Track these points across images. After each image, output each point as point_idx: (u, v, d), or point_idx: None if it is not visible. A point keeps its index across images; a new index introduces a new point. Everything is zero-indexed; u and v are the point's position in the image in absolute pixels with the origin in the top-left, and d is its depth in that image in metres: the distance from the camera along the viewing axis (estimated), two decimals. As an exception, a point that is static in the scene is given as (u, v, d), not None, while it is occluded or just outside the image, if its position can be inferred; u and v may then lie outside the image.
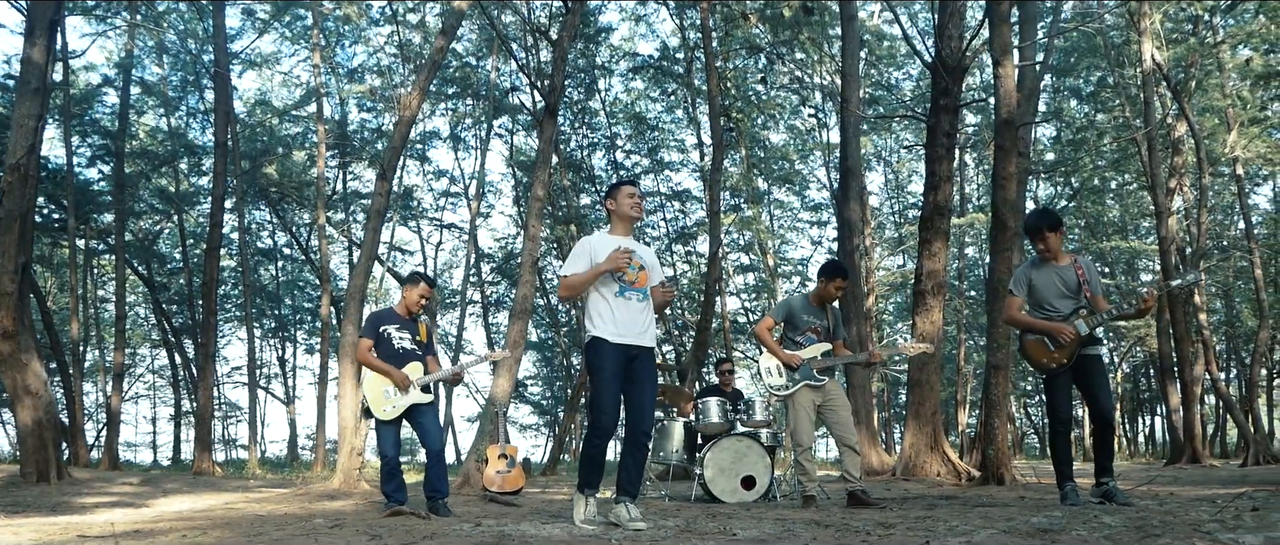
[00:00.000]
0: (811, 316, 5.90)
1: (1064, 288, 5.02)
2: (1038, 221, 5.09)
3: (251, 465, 18.37)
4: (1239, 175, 19.88)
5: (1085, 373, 4.97)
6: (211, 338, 18.10)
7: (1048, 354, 4.96)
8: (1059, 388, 4.99)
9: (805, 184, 28.31)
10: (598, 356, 4.29)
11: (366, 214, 10.04)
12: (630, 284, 4.36)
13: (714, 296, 17.67)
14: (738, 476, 6.84)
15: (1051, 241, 5.02)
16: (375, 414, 5.58)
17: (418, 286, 5.79)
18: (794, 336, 5.90)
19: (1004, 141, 7.19)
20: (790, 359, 5.76)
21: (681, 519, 4.43)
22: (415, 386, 5.58)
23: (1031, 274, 5.10)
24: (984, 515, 4.22)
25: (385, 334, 5.69)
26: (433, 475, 5.54)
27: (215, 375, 31.50)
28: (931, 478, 10.00)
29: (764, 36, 18.58)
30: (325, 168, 23.44)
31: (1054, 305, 5.03)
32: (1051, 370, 4.96)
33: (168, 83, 23.28)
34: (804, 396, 5.76)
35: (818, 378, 5.78)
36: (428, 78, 10.54)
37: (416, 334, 5.77)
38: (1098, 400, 4.97)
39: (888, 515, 4.49)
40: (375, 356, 5.62)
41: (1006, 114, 7.17)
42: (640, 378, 4.35)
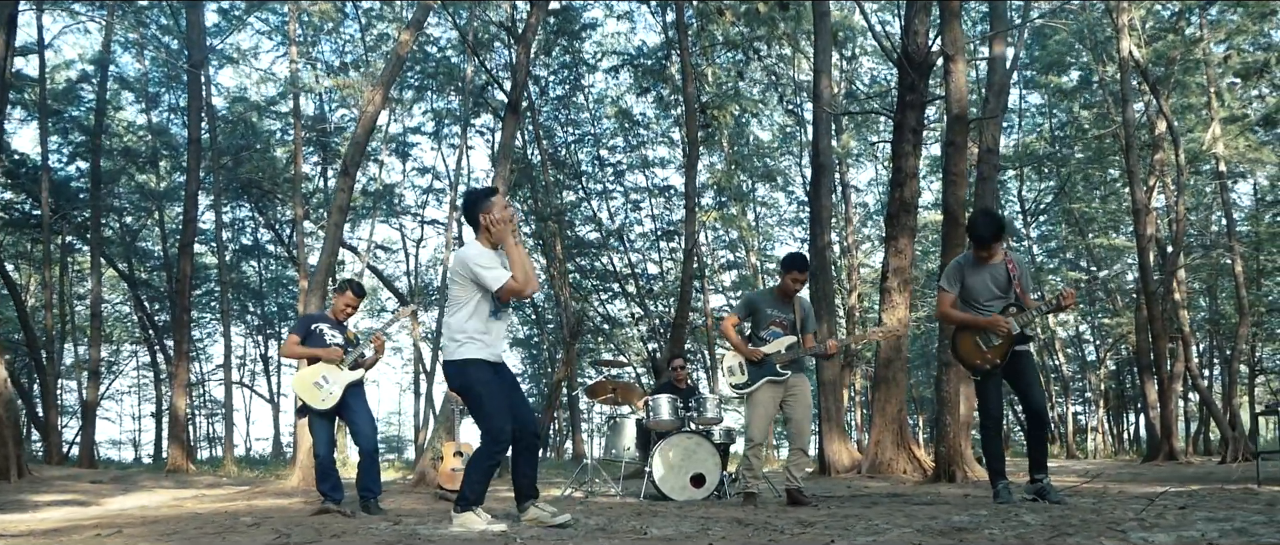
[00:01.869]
0: (775, 310, 5.80)
1: (995, 287, 4.96)
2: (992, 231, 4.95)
3: (227, 464, 18.21)
4: (1220, 172, 19.89)
5: (1016, 369, 4.91)
6: (185, 334, 17.96)
7: (981, 354, 4.90)
8: (990, 387, 4.94)
9: (788, 181, 28.25)
10: (478, 373, 4.14)
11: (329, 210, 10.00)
12: (503, 305, 4.24)
13: (691, 293, 17.60)
14: (687, 474, 6.77)
15: (995, 251, 4.95)
16: (312, 406, 5.47)
17: (344, 294, 5.75)
18: (758, 331, 5.80)
19: (955, 138, 7.14)
20: (752, 354, 5.66)
21: (604, 518, 4.36)
22: (345, 362, 5.51)
23: (965, 273, 5.03)
24: (913, 514, 4.15)
25: (316, 330, 5.65)
26: (365, 475, 5.45)
27: (199, 372, 31.47)
28: (897, 475, 9.95)
29: (739, 29, 18.50)
30: (307, 166, 23.41)
31: (985, 306, 4.98)
32: (985, 371, 4.89)
33: (147, 78, 23.06)
34: (765, 392, 5.66)
35: (780, 372, 5.67)
36: (391, 73, 10.46)
37: (345, 335, 5.73)
38: (1030, 395, 4.91)
39: (815, 514, 4.42)
40: (302, 348, 5.57)
41: (958, 110, 7.12)
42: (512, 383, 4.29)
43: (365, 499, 5.41)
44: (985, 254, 4.93)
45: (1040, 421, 4.94)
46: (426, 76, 23.19)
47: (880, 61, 25.57)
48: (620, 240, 26.06)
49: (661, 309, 25.83)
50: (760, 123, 25.99)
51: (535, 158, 23.47)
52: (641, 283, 26.18)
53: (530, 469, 4.24)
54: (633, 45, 24.35)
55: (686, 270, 16.21)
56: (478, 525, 4.04)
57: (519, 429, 4.18)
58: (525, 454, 4.22)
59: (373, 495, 5.41)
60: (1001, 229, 4.98)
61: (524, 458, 4.23)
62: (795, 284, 5.76)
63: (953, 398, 7.18)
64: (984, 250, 4.91)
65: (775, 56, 22.03)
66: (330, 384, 5.46)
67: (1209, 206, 24.96)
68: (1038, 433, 4.96)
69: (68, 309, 24.27)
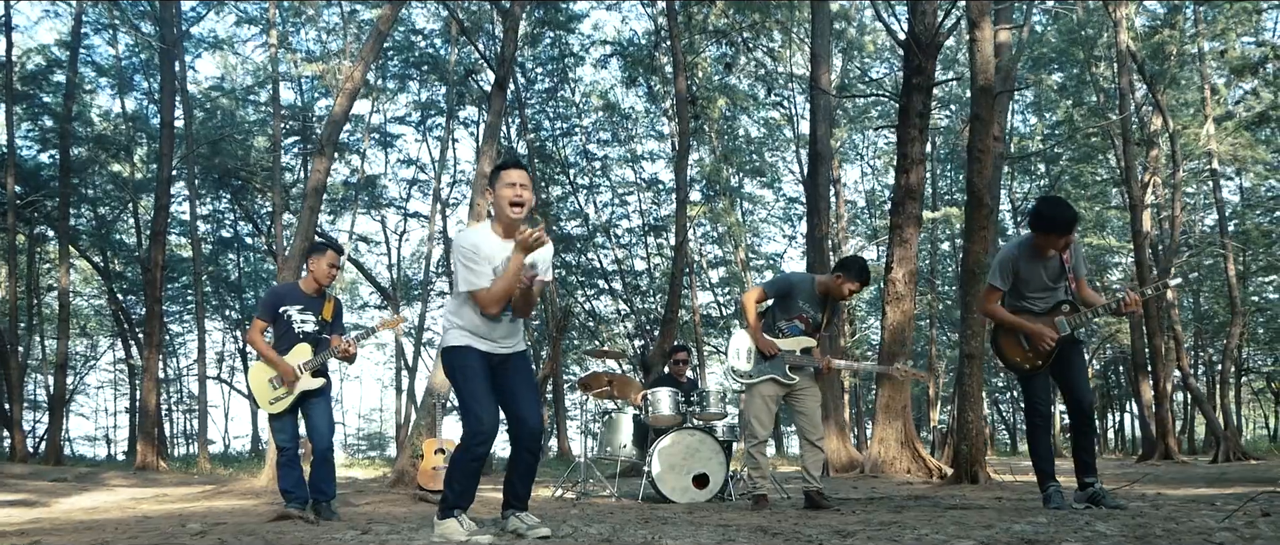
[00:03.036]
0: (809, 304, 5.20)
1: (1048, 279, 4.44)
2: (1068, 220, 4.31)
3: (201, 461, 17.62)
4: (1215, 170, 19.67)
5: (1063, 362, 4.41)
6: (158, 326, 17.38)
7: (1023, 354, 4.41)
8: (1037, 381, 4.44)
9: (778, 178, 27.86)
10: (460, 358, 3.65)
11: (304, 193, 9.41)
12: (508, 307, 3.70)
13: (680, 288, 17.12)
14: (689, 474, 6.25)
15: (1047, 246, 4.37)
16: (261, 407, 4.96)
17: (325, 256, 5.08)
18: (780, 319, 5.21)
19: (981, 112, 6.66)
20: (767, 346, 5.08)
21: (609, 525, 3.83)
22: (304, 373, 4.92)
23: (1019, 263, 4.45)
24: (957, 520, 3.67)
25: (285, 315, 5.00)
26: (318, 476, 4.92)
27: (176, 367, 30.77)
28: (901, 476, 9.50)
29: (730, 17, 18.02)
30: (287, 156, 22.81)
31: (1034, 299, 4.46)
32: (1026, 372, 4.42)
33: (121, 64, 22.34)
34: (768, 388, 5.13)
35: (788, 375, 5.12)
36: (372, 48, 9.90)
37: (320, 312, 5.09)
38: (1076, 391, 4.40)
39: (847, 520, 3.91)
40: (265, 341, 4.98)
41: (984, 82, 6.64)
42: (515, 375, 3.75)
43: (316, 501, 4.89)
44: (1055, 244, 4.36)
45: (1087, 419, 4.44)
46: (410, 65, 22.67)
47: (874, 58, 25.22)
48: (607, 235, 25.61)
49: (647, 305, 25.40)
50: (750, 116, 25.56)
51: (521, 150, 22.97)
52: (628, 278, 25.75)
53: (526, 474, 3.74)
54: (622, 35, 23.87)
55: (677, 263, 15.72)
56: (458, 535, 3.52)
57: (518, 426, 3.68)
58: (522, 455, 3.72)
59: (325, 498, 4.89)
60: (1076, 218, 4.40)
61: (521, 459, 3.72)
62: (850, 294, 5.18)
63: (974, 393, 6.70)
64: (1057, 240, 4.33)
65: (765, 49, 21.56)
66: (285, 387, 4.92)
67: (1196, 207, 24.78)
68: (1084, 431, 4.46)
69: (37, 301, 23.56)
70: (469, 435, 3.56)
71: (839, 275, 5.16)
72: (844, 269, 5.18)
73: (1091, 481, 4.31)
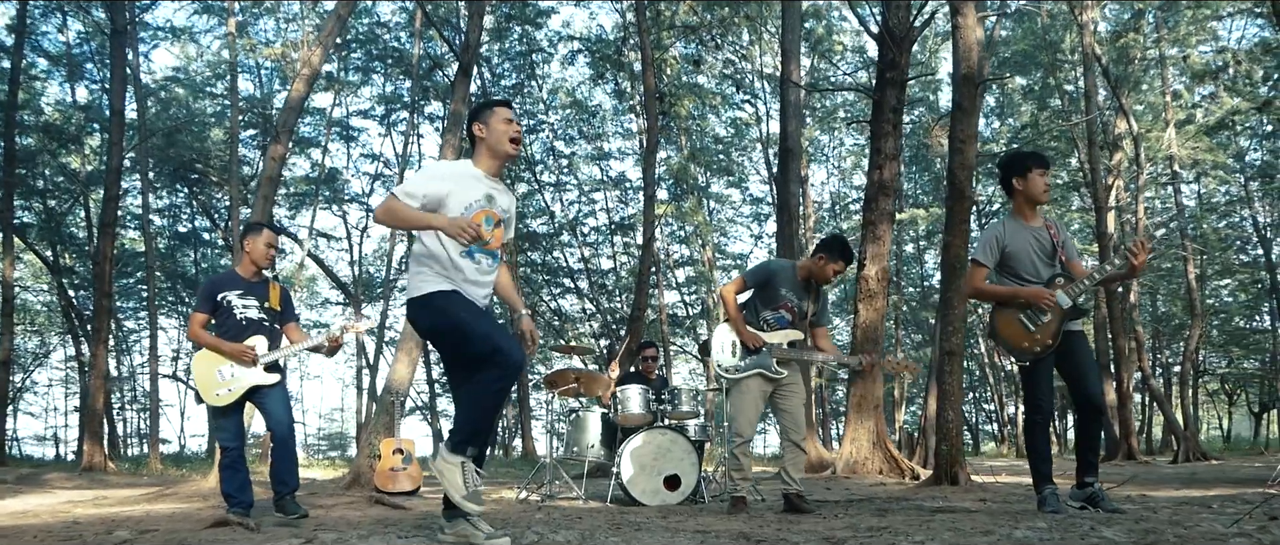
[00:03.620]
0: (791, 292, 4.94)
1: (1038, 254, 4.16)
2: (1024, 160, 4.19)
3: (153, 461, 17.05)
4: (1176, 172, 19.84)
5: (1068, 352, 4.11)
6: (106, 321, 16.78)
7: (1027, 335, 4.07)
8: (1040, 372, 4.11)
9: (744, 177, 27.74)
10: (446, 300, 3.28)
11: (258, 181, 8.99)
12: (482, 243, 3.35)
13: (648, 286, 16.86)
14: (660, 475, 5.98)
15: (1037, 185, 4.14)
16: (205, 400, 4.54)
17: (261, 235, 4.69)
18: (765, 310, 4.94)
19: (963, 100, 6.48)
20: (751, 338, 4.81)
21: (577, 531, 3.54)
22: (259, 363, 4.53)
23: (1004, 236, 4.18)
24: (951, 525, 3.44)
25: (225, 302, 4.62)
26: (279, 466, 4.56)
27: (130, 366, 29.91)
28: (874, 477, 9.32)
29: (698, 14, 17.82)
30: (246, 148, 22.26)
31: (1036, 273, 4.16)
32: (1034, 355, 4.07)
33: (71, 52, 21.61)
34: (754, 383, 4.86)
35: (777, 370, 4.85)
36: (332, 31, 9.52)
37: (265, 298, 4.69)
38: (1085, 383, 4.10)
39: (833, 526, 3.67)
40: (207, 334, 4.59)
41: (967, 69, 6.47)
42: None
43: (279, 494, 4.54)
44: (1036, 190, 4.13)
45: (1097, 415, 4.14)
46: (374, 58, 22.24)
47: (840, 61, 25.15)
48: (573, 233, 25.32)
49: (613, 305, 25.15)
50: (717, 115, 25.39)
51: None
52: (594, 278, 25.48)
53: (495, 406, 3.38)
54: (590, 31, 23.62)
55: (645, 260, 15.45)
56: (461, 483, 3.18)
57: None
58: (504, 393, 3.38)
59: (288, 489, 4.53)
60: (1044, 160, 4.19)
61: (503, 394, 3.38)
62: (834, 276, 4.92)
63: (954, 391, 6.52)
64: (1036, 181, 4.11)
65: (732, 45, 21.40)
66: (234, 378, 4.52)
67: (1154, 210, 25.05)
68: (1093, 427, 4.16)
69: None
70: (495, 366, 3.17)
71: (821, 256, 4.93)
72: (826, 249, 4.94)
73: (1091, 482, 4.06)
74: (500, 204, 3.49)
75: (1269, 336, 26.05)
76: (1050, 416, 4.17)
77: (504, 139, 3.42)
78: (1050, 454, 4.15)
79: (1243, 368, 27.82)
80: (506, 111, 3.48)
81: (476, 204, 3.37)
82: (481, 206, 3.38)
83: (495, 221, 3.43)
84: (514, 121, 3.47)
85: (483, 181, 3.44)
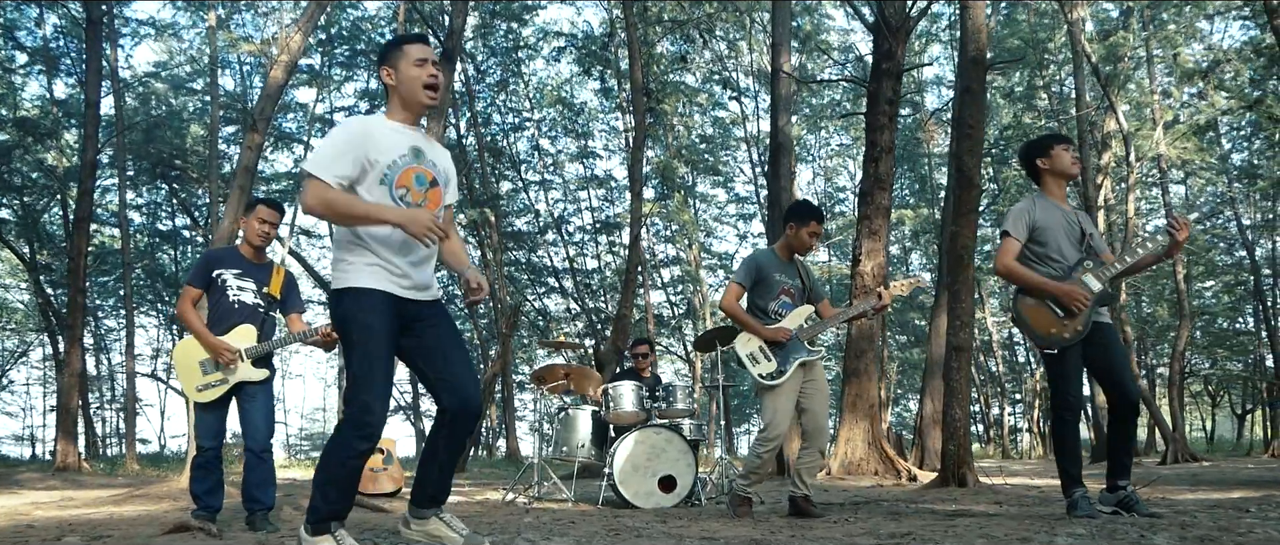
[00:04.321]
0: (783, 275, 4.67)
1: (1067, 233, 3.90)
2: (1044, 139, 3.96)
3: (129, 461, 16.72)
4: (1162, 170, 19.78)
5: (1097, 345, 3.82)
6: (79, 319, 16.39)
7: (1056, 322, 3.78)
8: (1069, 363, 3.81)
9: (731, 177, 27.55)
10: (357, 307, 2.74)
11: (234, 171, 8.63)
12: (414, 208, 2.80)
13: (635, 283, 16.59)
14: (654, 476, 5.69)
15: (1063, 160, 3.89)
16: (187, 394, 4.13)
17: (255, 210, 4.25)
18: (764, 304, 4.66)
19: (972, 83, 6.23)
20: (777, 334, 4.51)
21: (572, 538, 3.24)
22: (244, 360, 4.09)
23: (1034, 210, 3.90)
24: (980, 531, 3.17)
25: (220, 280, 4.18)
26: (252, 479, 4.12)
27: (108, 365, 29.38)
28: (870, 478, 9.08)
29: (685, 9, 17.57)
30: (226, 144, 21.86)
31: (1063, 253, 3.87)
32: (1063, 341, 3.77)
33: (48, 47, 21.12)
34: (795, 378, 4.55)
35: (812, 350, 4.59)
36: (312, 16, 9.19)
37: (265, 282, 4.26)
38: (1118, 378, 3.81)
39: (851, 532, 3.38)
40: (195, 314, 4.13)
41: (975, 52, 6.22)
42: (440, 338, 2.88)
43: (251, 511, 4.11)
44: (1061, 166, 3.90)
45: (1133, 413, 3.84)
46: (357, 53, 21.91)
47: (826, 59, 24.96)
48: (558, 232, 25.04)
49: (598, 305, 24.89)
50: (703, 113, 25.17)
51: (470, 144, 22.30)
52: (579, 277, 25.22)
53: (452, 463, 2.91)
54: (577, 28, 23.35)
55: (632, 257, 15.16)
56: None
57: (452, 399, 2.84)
58: (454, 438, 2.88)
59: (261, 507, 4.11)
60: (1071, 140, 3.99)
61: (451, 443, 2.88)
62: (812, 239, 4.64)
63: (962, 388, 6.27)
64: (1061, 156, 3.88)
65: (721, 39, 21.16)
66: (221, 369, 4.11)
67: (1139, 211, 25.03)
68: (1128, 426, 3.86)
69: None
70: (354, 424, 2.67)
71: (790, 225, 4.70)
72: (793, 217, 4.71)
73: (1124, 485, 3.77)
74: (430, 158, 2.90)
75: (1253, 338, 26.07)
76: (1079, 412, 3.89)
77: (417, 86, 2.83)
78: (1080, 454, 3.86)
79: (1226, 369, 27.85)
80: (419, 49, 2.87)
81: (402, 161, 2.79)
82: (408, 163, 2.81)
83: (428, 180, 2.86)
84: (428, 63, 2.86)
85: (403, 132, 2.85)
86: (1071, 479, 3.75)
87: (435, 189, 2.88)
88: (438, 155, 2.94)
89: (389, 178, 2.76)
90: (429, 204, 2.84)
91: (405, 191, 2.79)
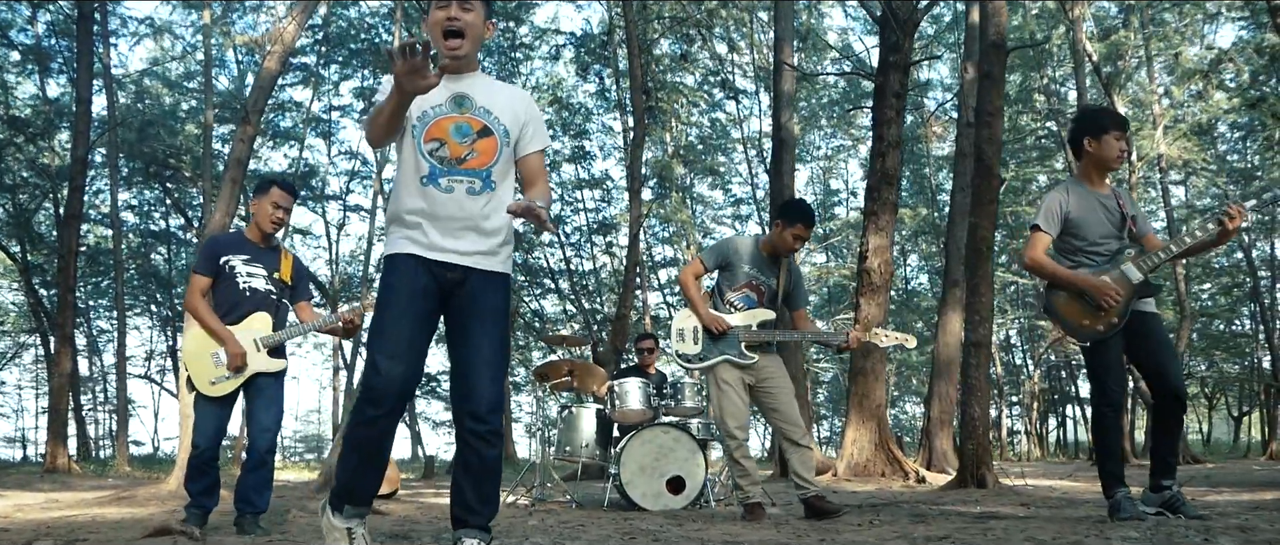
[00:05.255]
0: (755, 269, 4.50)
1: (1110, 224, 3.68)
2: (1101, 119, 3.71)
3: (120, 463, 16.50)
4: (1162, 169, 19.69)
5: (1141, 334, 3.62)
6: (69, 319, 16.14)
7: (1089, 314, 3.57)
8: (1109, 356, 3.59)
9: (729, 178, 27.39)
10: (384, 272, 2.52)
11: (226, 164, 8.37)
12: (454, 162, 2.49)
13: (634, 283, 16.40)
14: (662, 477, 5.48)
15: (1112, 150, 3.66)
16: (198, 388, 3.85)
17: (268, 194, 3.96)
18: (729, 292, 4.50)
19: (991, 69, 6.04)
20: (712, 322, 4.36)
21: (582, 543, 3.03)
22: (260, 350, 3.85)
23: (1067, 201, 3.69)
24: (1024, 535, 2.96)
25: (227, 266, 3.92)
26: (250, 481, 3.87)
27: (102, 365, 29.10)
28: (878, 480, 8.88)
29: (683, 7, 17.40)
30: (220, 143, 21.62)
31: (1099, 246, 3.66)
32: (1097, 334, 3.57)
33: (41, 45, 20.87)
34: (727, 372, 4.40)
35: (745, 355, 4.39)
36: (306, 8, 8.98)
37: (275, 268, 4.01)
38: (1163, 371, 3.60)
39: (882, 535, 3.18)
40: (207, 306, 3.88)
41: (995, 35, 6.03)
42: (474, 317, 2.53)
43: (241, 513, 3.85)
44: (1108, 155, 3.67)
45: (1178, 407, 3.64)
46: (354, 54, 21.73)
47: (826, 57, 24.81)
48: (554, 233, 24.84)
49: (595, 306, 24.71)
50: (703, 113, 25.00)
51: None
52: (576, 278, 25.02)
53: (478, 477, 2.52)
54: (576, 26, 23.20)
55: (631, 256, 14.99)
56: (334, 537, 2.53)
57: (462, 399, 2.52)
58: (468, 455, 2.52)
59: (254, 509, 3.86)
60: (1123, 120, 3.73)
61: (466, 454, 2.53)
62: (796, 242, 4.47)
63: (980, 386, 6.07)
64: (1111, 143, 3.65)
65: (721, 37, 20.98)
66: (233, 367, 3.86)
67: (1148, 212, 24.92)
68: (1173, 421, 3.65)
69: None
70: (363, 386, 2.46)
71: (778, 223, 4.53)
72: (783, 215, 4.54)
73: (1169, 485, 3.56)
74: (482, 105, 2.55)
75: (1250, 340, 25.96)
76: (1121, 409, 3.66)
77: (436, 32, 2.53)
78: (1121, 452, 3.65)
79: (1223, 371, 27.74)
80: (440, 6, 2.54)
81: (435, 111, 2.51)
82: (444, 114, 2.51)
83: (475, 130, 2.52)
84: (450, 4, 2.52)
85: (444, 85, 2.53)
86: (1114, 478, 3.53)
87: (487, 139, 2.53)
88: (495, 100, 2.59)
89: (418, 130, 2.49)
90: (479, 156, 2.51)
91: (437, 145, 2.49)
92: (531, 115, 2.63)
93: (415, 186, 2.48)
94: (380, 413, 2.43)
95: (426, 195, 2.47)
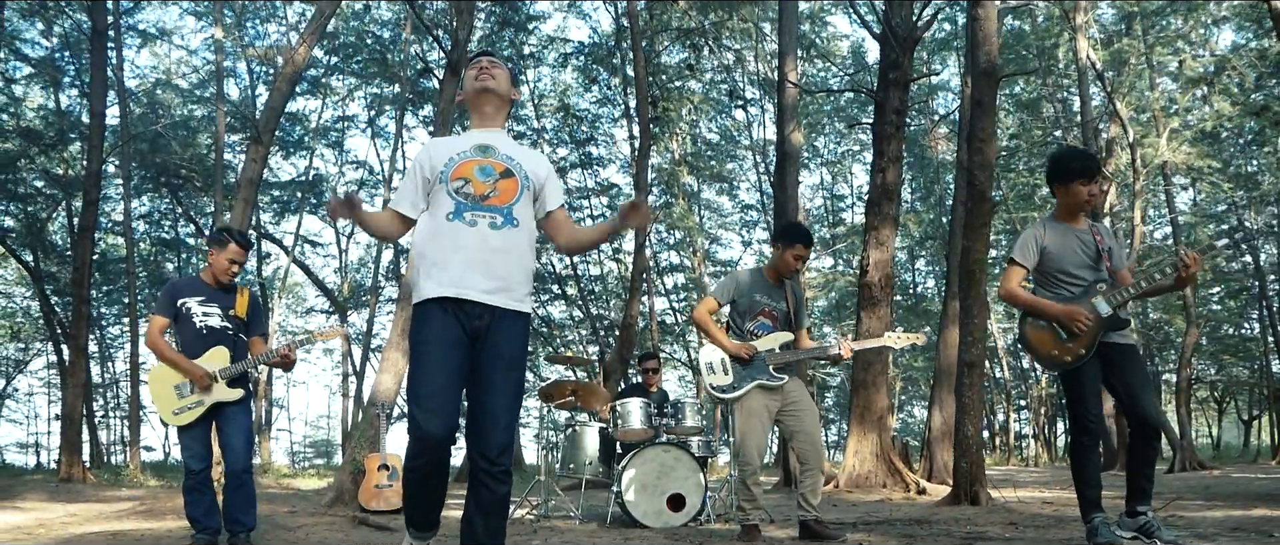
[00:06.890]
0: (765, 297, 4.64)
1: (1084, 257, 3.85)
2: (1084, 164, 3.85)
3: (133, 471, 16.67)
4: (1166, 175, 19.73)
5: (1117, 366, 3.78)
6: (83, 328, 16.37)
7: (1059, 345, 3.75)
8: (1082, 385, 3.76)
9: (735, 185, 27.51)
10: (413, 326, 2.70)
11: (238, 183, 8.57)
12: (478, 199, 2.69)
13: (640, 290, 16.54)
14: (663, 495, 5.63)
15: (1079, 196, 3.82)
16: (164, 418, 4.20)
17: (226, 249, 4.30)
18: (743, 324, 4.64)
19: (983, 95, 6.19)
20: (741, 349, 4.49)
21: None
22: (219, 381, 4.18)
23: (1043, 236, 3.87)
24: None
25: (184, 309, 4.26)
26: (233, 502, 4.18)
27: (114, 372, 29.39)
28: (878, 491, 9.01)
29: (693, 17, 17.54)
30: (231, 153, 21.87)
31: (1074, 276, 3.84)
32: (1065, 365, 3.75)
33: (53, 57, 21.14)
34: (756, 400, 4.51)
35: (775, 376, 4.52)
36: (316, 28, 9.17)
37: (230, 307, 4.34)
38: (1137, 402, 3.75)
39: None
40: (165, 342, 4.24)
41: (986, 62, 6.17)
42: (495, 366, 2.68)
43: (233, 534, 4.16)
44: (1076, 200, 3.82)
45: (1152, 436, 3.78)
46: (362, 64, 21.94)
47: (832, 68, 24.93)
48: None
49: (602, 312, 24.82)
50: (709, 119, 25.12)
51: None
52: (583, 284, 25.16)
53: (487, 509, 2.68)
54: (583, 35, 23.37)
55: (638, 263, 15.11)
56: None
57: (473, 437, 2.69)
58: (477, 482, 2.69)
59: (243, 528, 4.17)
60: (1099, 166, 3.88)
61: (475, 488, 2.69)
62: (797, 262, 4.59)
63: (974, 405, 6.21)
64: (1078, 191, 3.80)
65: (727, 47, 21.12)
66: (195, 393, 4.18)
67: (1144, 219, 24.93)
68: (1147, 451, 3.80)
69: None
70: (410, 439, 2.65)
71: (777, 245, 4.68)
72: (780, 238, 4.69)
73: (1144, 511, 3.70)
74: (505, 152, 2.80)
75: (1259, 344, 25.93)
76: (1098, 437, 3.81)
77: (471, 88, 2.85)
78: (1099, 478, 3.79)
79: (1232, 375, 27.71)
80: (480, 60, 2.90)
81: (461, 155, 2.74)
82: (468, 157, 2.74)
83: (498, 172, 2.73)
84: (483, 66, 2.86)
85: (469, 135, 2.85)
86: (1089, 503, 3.69)
87: (509, 180, 2.75)
88: (518, 152, 2.86)
89: (445, 173, 2.72)
90: (501, 195, 2.72)
91: (463, 182, 2.70)
92: (550, 173, 2.91)
93: (442, 222, 2.68)
94: (423, 460, 2.65)
95: (452, 230, 2.66)
